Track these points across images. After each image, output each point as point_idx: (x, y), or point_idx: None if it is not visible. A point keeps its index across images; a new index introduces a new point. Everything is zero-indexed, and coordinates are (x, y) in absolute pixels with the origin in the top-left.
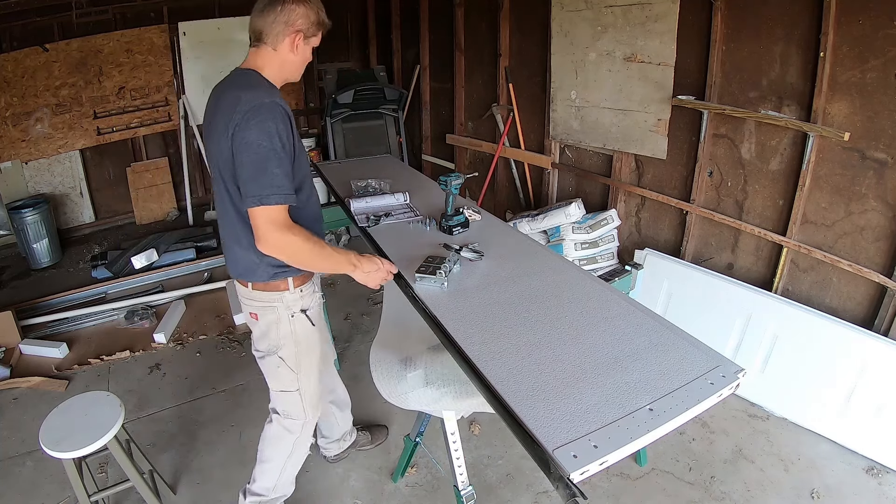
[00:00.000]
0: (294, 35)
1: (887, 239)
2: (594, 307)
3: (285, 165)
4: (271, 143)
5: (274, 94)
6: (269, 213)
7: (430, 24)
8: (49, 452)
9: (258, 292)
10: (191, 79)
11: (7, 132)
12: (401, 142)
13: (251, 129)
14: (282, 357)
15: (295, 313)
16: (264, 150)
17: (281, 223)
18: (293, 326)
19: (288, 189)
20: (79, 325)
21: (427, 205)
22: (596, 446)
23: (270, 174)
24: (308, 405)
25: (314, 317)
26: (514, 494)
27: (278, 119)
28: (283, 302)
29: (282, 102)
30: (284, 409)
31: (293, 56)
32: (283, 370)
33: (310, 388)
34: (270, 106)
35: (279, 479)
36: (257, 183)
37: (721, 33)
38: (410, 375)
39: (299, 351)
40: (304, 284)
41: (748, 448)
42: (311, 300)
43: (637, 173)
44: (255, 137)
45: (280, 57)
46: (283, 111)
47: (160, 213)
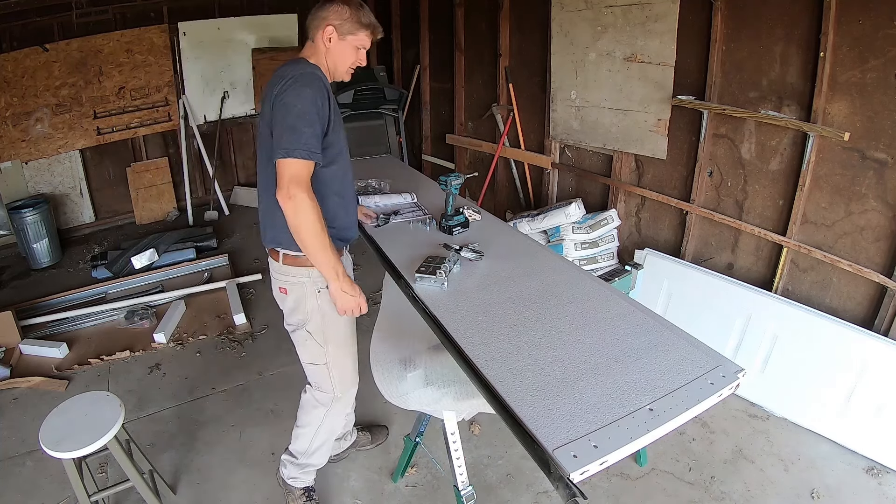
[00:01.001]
0: (326, 27)
1: (887, 239)
2: (594, 307)
3: (316, 127)
4: (304, 105)
5: (317, 69)
6: (293, 167)
7: (430, 24)
8: (49, 452)
9: (287, 266)
10: (191, 79)
11: (7, 132)
12: (401, 142)
13: (289, 92)
14: (309, 331)
15: (321, 289)
16: (297, 110)
17: (301, 180)
18: (319, 301)
19: (315, 148)
20: (79, 325)
21: (427, 205)
22: (596, 446)
23: (300, 132)
24: (337, 380)
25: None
26: (514, 494)
27: (315, 86)
28: (311, 277)
29: (321, 75)
30: (315, 381)
31: (328, 49)
32: (310, 343)
33: (338, 363)
34: (309, 76)
35: (310, 446)
36: (287, 138)
37: (721, 33)
38: (410, 375)
39: (326, 325)
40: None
41: (748, 448)
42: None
43: (637, 173)
44: (292, 99)
45: (317, 48)
46: (322, 83)
47: (160, 213)
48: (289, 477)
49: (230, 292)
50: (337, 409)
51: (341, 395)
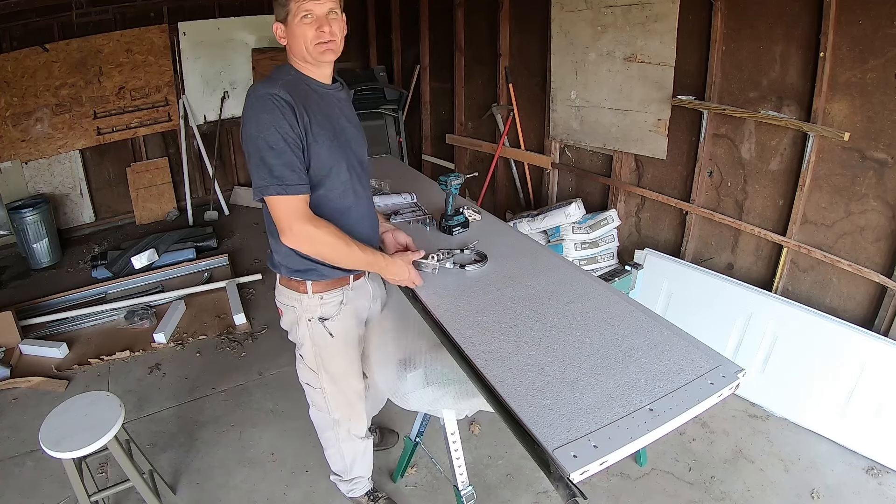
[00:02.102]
0: (274, 25)
1: (887, 239)
2: (594, 307)
3: (287, 156)
4: (266, 134)
5: (274, 85)
6: (282, 204)
7: (430, 24)
8: (49, 452)
9: (282, 287)
10: (191, 79)
11: (7, 132)
12: (401, 142)
13: (249, 121)
14: (301, 355)
15: (312, 319)
16: (260, 142)
17: (298, 214)
18: (311, 331)
19: (293, 180)
20: (79, 325)
21: (427, 205)
22: (596, 446)
23: (268, 166)
24: (333, 405)
25: (336, 328)
26: (514, 494)
27: (273, 110)
28: (301, 304)
29: (280, 93)
30: (312, 400)
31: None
32: (303, 366)
33: (335, 392)
34: (264, 97)
35: (345, 464)
36: (257, 174)
37: (721, 33)
38: (410, 376)
39: (319, 355)
40: (326, 292)
41: (748, 448)
42: (336, 311)
43: (637, 173)
44: (253, 130)
45: (287, 49)
46: (282, 102)
47: (160, 213)
48: (348, 492)
49: (230, 292)
50: (344, 433)
51: (340, 419)
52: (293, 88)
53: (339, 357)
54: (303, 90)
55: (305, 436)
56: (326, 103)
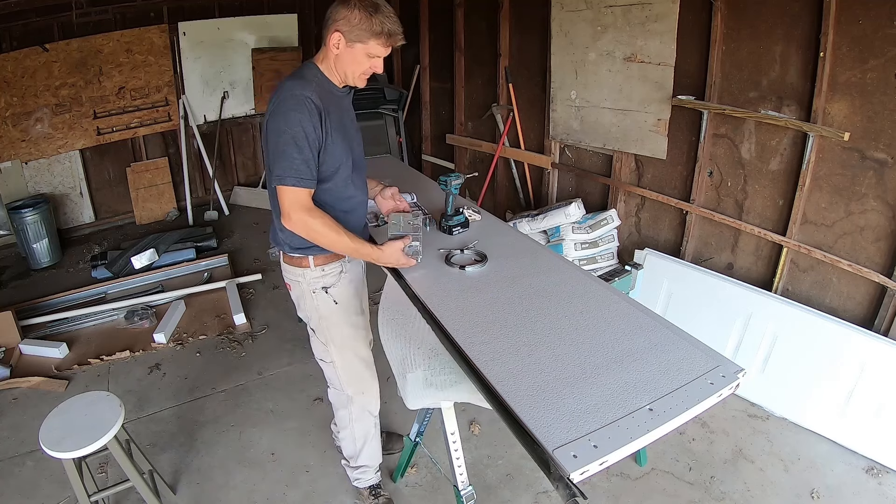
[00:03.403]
0: (333, 33)
1: (887, 239)
2: (594, 307)
3: (306, 153)
4: (293, 130)
5: (308, 87)
6: (290, 194)
7: (430, 24)
8: (49, 452)
9: (287, 265)
10: (191, 79)
11: (7, 132)
12: (401, 142)
13: (279, 116)
14: (312, 328)
15: (316, 290)
16: (286, 136)
17: (301, 205)
18: (316, 302)
19: (306, 175)
20: (79, 325)
21: (427, 205)
22: (596, 446)
23: (290, 158)
24: (345, 380)
25: (338, 295)
26: (514, 494)
27: (304, 111)
28: (305, 278)
29: (313, 97)
30: (327, 377)
31: (338, 54)
32: (314, 340)
33: (344, 363)
34: (299, 98)
35: (355, 448)
36: (278, 165)
37: (721, 33)
38: (410, 376)
39: (326, 325)
40: (327, 264)
41: (748, 448)
42: (337, 279)
43: (637, 173)
44: (280, 124)
45: (328, 53)
46: (313, 106)
47: (160, 213)
48: (354, 480)
49: (230, 292)
50: (357, 411)
51: (353, 395)
52: (321, 91)
53: (344, 325)
54: (326, 94)
55: (305, 436)
56: (340, 105)
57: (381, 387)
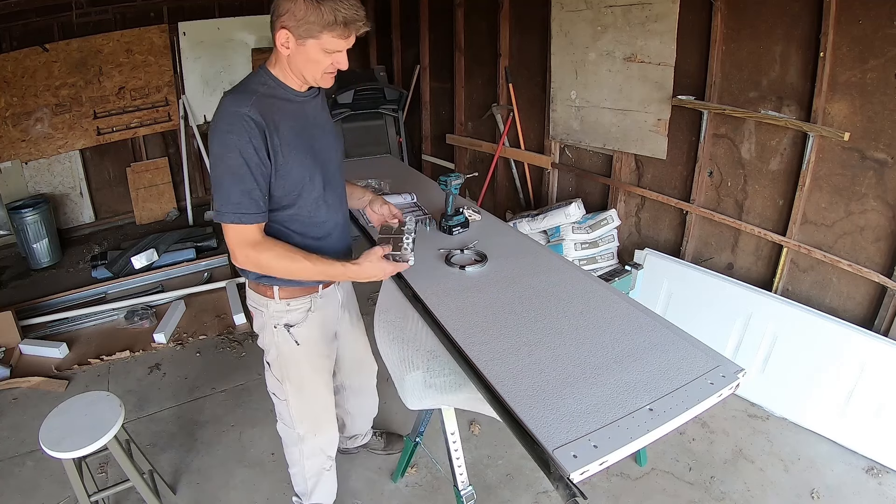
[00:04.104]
0: (279, 30)
1: (887, 239)
2: (594, 307)
3: (247, 183)
4: (229, 157)
5: (245, 101)
6: (232, 232)
7: (430, 24)
8: (49, 452)
9: (250, 290)
10: (191, 79)
11: (7, 132)
12: (401, 142)
13: (213, 139)
14: (268, 361)
15: (278, 325)
16: (222, 165)
17: (245, 242)
18: (276, 338)
19: (250, 208)
20: (79, 325)
21: (427, 205)
22: (596, 446)
23: (226, 191)
24: (297, 418)
25: (302, 336)
26: (514, 494)
27: (241, 132)
28: (268, 310)
29: (251, 113)
30: (277, 411)
31: (289, 54)
32: (269, 375)
33: (299, 404)
34: (234, 117)
35: (306, 486)
36: (216, 198)
37: (721, 33)
38: (410, 376)
39: (283, 363)
40: (293, 298)
41: (748, 448)
42: (302, 317)
43: (637, 173)
44: (217, 150)
45: (278, 54)
46: (252, 124)
47: (160, 213)
48: None
49: (230, 292)
50: (309, 450)
51: (304, 435)
52: (266, 104)
53: (304, 366)
54: (277, 104)
55: None
56: (300, 114)
57: (380, 387)
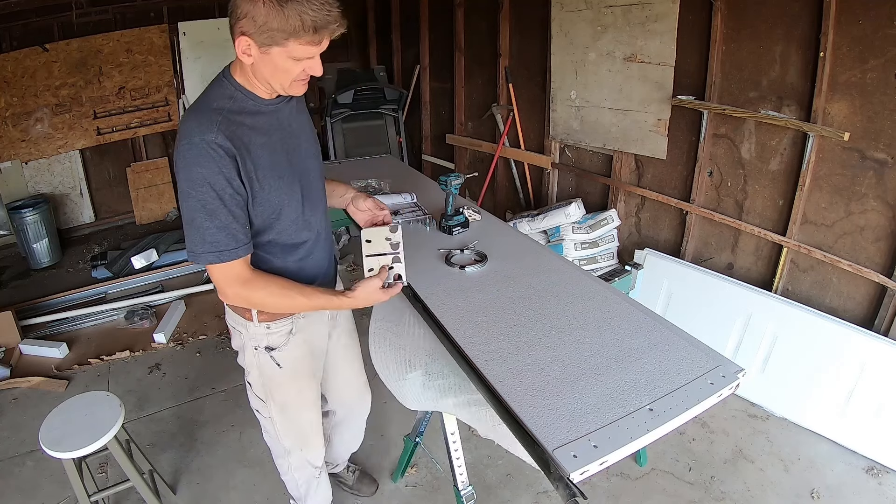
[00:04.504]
0: (239, 37)
1: (887, 239)
2: (594, 307)
3: (222, 217)
4: (199, 192)
5: (211, 126)
6: (216, 272)
7: (430, 24)
8: (49, 452)
9: (228, 308)
10: (191, 79)
11: (7, 132)
12: (401, 142)
13: (180, 172)
14: (249, 382)
15: (259, 347)
16: (192, 201)
17: (233, 279)
18: (257, 360)
19: (226, 245)
20: (79, 325)
21: (427, 205)
22: (596, 446)
23: (201, 229)
24: (283, 433)
25: (285, 359)
26: (514, 494)
27: (209, 163)
28: (247, 331)
29: (218, 139)
30: (263, 425)
31: (252, 63)
32: (251, 394)
33: (283, 421)
34: (200, 146)
35: (299, 492)
36: (190, 238)
37: (721, 33)
38: (410, 377)
39: (265, 384)
40: (273, 321)
41: (748, 448)
42: (284, 340)
43: (637, 173)
44: (184, 185)
45: (241, 61)
46: (220, 152)
47: (160, 213)
48: None
49: None
50: (297, 461)
51: (290, 448)
52: (234, 124)
53: (287, 387)
54: (246, 121)
55: None
56: (275, 124)
57: (380, 386)
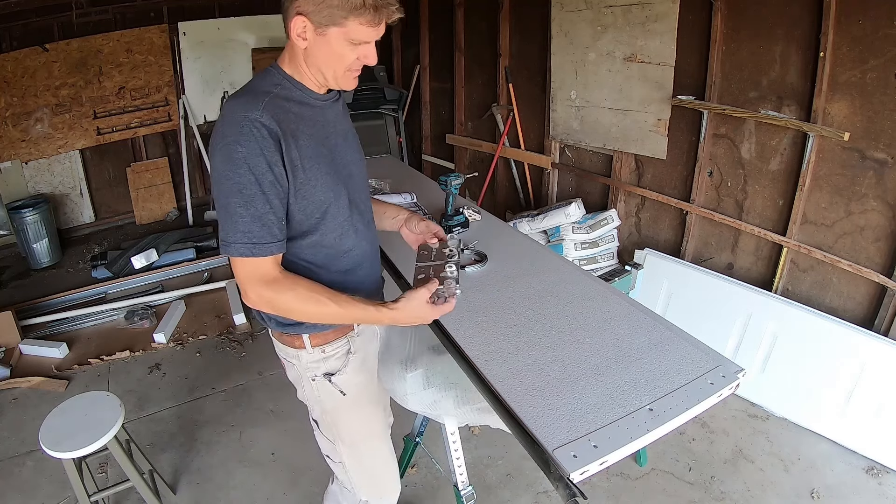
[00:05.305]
0: (295, 17)
1: (887, 239)
2: (594, 307)
3: (259, 205)
4: (236, 174)
5: (256, 105)
6: (242, 266)
7: (430, 24)
8: (49, 452)
9: (276, 341)
10: (191, 79)
11: (7, 132)
12: (401, 142)
13: (217, 153)
14: (315, 419)
15: (317, 377)
16: (228, 183)
17: (259, 278)
18: (317, 392)
19: (263, 236)
20: (79, 325)
21: (427, 205)
22: (596, 446)
23: (234, 216)
24: (357, 483)
25: (347, 383)
26: (514, 494)
27: (250, 142)
28: (301, 361)
29: (263, 118)
30: (337, 475)
31: (307, 47)
32: (319, 435)
33: (356, 464)
34: (242, 124)
35: None
36: (222, 226)
37: (721, 33)
38: (410, 376)
39: (331, 420)
40: (328, 343)
41: (748, 448)
42: (343, 363)
43: (637, 173)
44: (220, 165)
45: (293, 48)
46: (264, 132)
47: (160, 213)
48: None
49: (230, 292)
50: None
51: (369, 500)
52: (281, 108)
53: (354, 418)
54: (293, 108)
55: (306, 436)
56: (322, 121)
57: None
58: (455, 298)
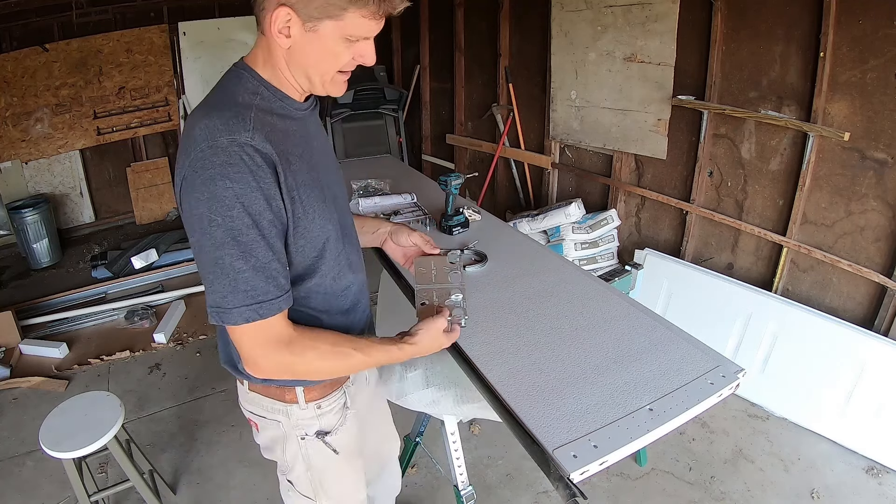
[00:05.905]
0: (276, 10)
1: (887, 239)
2: (594, 307)
3: (259, 254)
4: (227, 217)
5: (243, 123)
6: (246, 332)
7: (430, 24)
8: (49, 452)
9: (255, 395)
10: (191, 79)
11: (7, 132)
12: (401, 142)
13: (195, 191)
14: (290, 481)
15: (307, 436)
16: (218, 231)
17: (273, 342)
18: (306, 451)
19: (266, 293)
20: (79, 325)
21: (427, 205)
22: (596, 446)
23: (231, 272)
24: None
25: (341, 442)
26: (514, 494)
27: (244, 174)
28: (290, 419)
29: (254, 142)
30: None
31: (290, 46)
32: (293, 495)
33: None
34: (229, 151)
35: None
36: (213, 287)
37: (721, 33)
38: (410, 375)
39: (316, 479)
40: (324, 397)
41: (748, 448)
42: (339, 419)
43: (637, 173)
44: (202, 208)
45: (271, 44)
46: (259, 160)
47: (160, 213)
48: None
49: None
50: None
51: None
52: (268, 125)
53: (344, 475)
54: (278, 123)
55: None
56: (305, 136)
57: None
58: (461, 324)
